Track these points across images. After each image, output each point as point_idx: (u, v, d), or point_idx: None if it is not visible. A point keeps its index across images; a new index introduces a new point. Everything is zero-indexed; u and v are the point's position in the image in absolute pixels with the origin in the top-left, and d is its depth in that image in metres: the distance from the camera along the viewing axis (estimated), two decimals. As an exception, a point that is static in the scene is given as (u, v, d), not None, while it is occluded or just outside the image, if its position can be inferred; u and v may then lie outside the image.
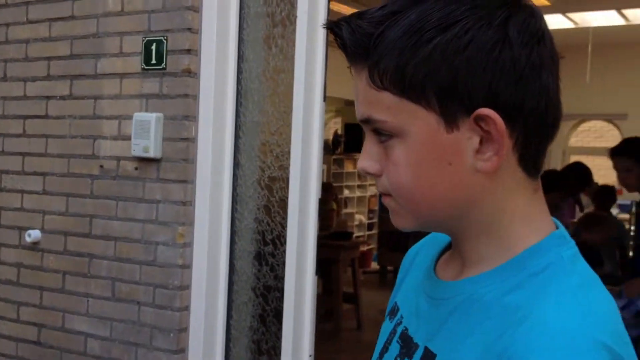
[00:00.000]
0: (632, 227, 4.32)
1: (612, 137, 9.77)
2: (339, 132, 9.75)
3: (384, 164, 0.73)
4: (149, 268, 2.51)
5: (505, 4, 0.69)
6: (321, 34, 2.31)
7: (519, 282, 0.69)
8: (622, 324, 0.67)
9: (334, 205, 7.00)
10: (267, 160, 2.50)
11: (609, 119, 9.53)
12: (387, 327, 0.86)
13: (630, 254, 4.33)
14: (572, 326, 0.63)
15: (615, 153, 3.48)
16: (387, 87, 0.69)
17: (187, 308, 2.48)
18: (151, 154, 2.46)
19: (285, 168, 2.43)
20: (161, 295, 2.48)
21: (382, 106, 0.70)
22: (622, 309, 3.07)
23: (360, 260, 7.22)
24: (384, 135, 0.71)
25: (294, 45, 2.31)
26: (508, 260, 0.71)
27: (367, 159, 0.74)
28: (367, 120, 0.72)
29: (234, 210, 2.55)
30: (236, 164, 2.54)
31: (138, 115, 2.49)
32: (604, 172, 9.81)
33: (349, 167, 9.49)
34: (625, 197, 8.09)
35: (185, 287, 2.48)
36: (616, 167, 3.45)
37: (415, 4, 0.68)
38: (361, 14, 0.70)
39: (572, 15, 7.08)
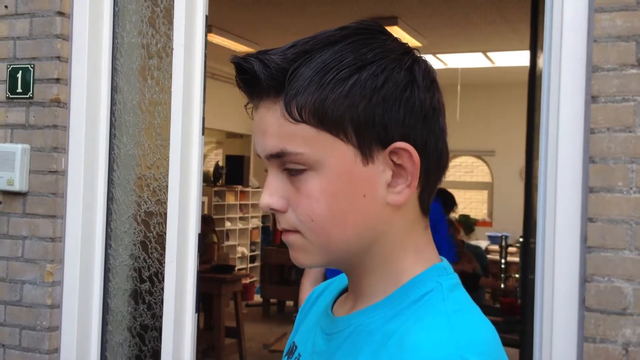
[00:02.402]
0: (503, 260, 4.56)
1: (481, 172, 10.35)
2: (220, 164, 9.67)
3: (292, 198, 0.73)
4: (14, 308, 2.36)
5: (408, 51, 0.74)
6: (199, 66, 2.29)
7: (400, 309, 0.72)
8: (501, 350, 0.70)
9: (215, 238, 6.89)
10: (144, 194, 2.43)
11: (479, 155, 10.10)
12: None
13: (502, 285, 4.57)
14: (441, 346, 0.65)
15: None
16: (306, 119, 0.70)
17: (56, 350, 2.35)
18: (16, 187, 2.32)
19: (162, 202, 2.36)
20: (28, 337, 2.35)
21: (299, 138, 0.71)
22: None
23: (243, 293, 7.13)
24: (295, 169, 0.72)
25: (170, 77, 2.27)
26: (394, 291, 0.74)
27: (273, 194, 0.74)
28: (280, 154, 0.72)
29: (107, 246, 2.45)
30: (110, 198, 2.45)
31: (2, 147, 2.35)
32: (474, 205, 10.36)
33: (230, 199, 9.41)
34: (496, 230, 8.58)
35: (55, 328, 2.35)
36: None
37: (326, 45, 0.71)
38: (268, 51, 0.72)
39: (442, 56, 7.50)
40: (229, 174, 9.38)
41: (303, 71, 0.70)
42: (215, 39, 6.35)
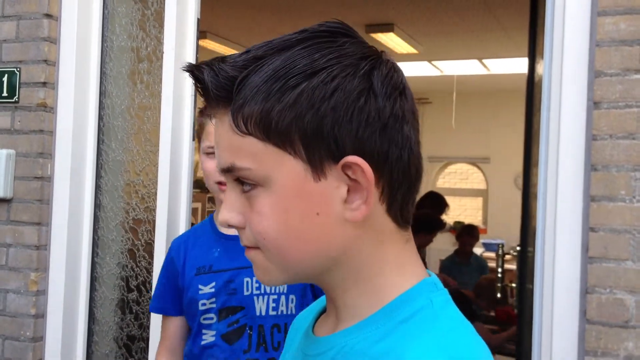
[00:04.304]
0: (500, 269, 4.51)
1: (476, 179, 10.32)
2: (215, 171, 9.62)
3: (247, 215, 0.70)
4: (-3, 318, 2.29)
5: (369, 56, 0.69)
6: (190, 70, 2.23)
7: (388, 329, 0.68)
8: None
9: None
10: (132, 201, 2.37)
11: (474, 162, 10.07)
12: None
13: (498, 295, 4.53)
14: None
15: None
16: (252, 132, 0.66)
17: (40, 362, 2.28)
18: (0, 193, 2.26)
19: (151, 210, 2.30)
20: (11, 347, 2.28)
21: (247, 153, 0.67)
22: None
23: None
24: (247, 184, 0.69)
25: (160, 81, 2.22)
26: (379, 310, 0.70)
27: (230, 210, 0.71)
28: (229, 169, 0.69)
29: (94, 254, 2.39)
30: (97, 205, 2.39)
31: (-14, 152, 2.28)
32: (469, 212, 10.32)
33: (224, 207, 9.35)
34: (490, 237, 8.54)
35: (39, 338, 2.29)
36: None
37: (280, 51, 0.67)
38: (224, 58, 0.68)
39: (437, 63, 7.46)
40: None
41: (252, 79, 0.66)
42: (209, 44, 6.30)
